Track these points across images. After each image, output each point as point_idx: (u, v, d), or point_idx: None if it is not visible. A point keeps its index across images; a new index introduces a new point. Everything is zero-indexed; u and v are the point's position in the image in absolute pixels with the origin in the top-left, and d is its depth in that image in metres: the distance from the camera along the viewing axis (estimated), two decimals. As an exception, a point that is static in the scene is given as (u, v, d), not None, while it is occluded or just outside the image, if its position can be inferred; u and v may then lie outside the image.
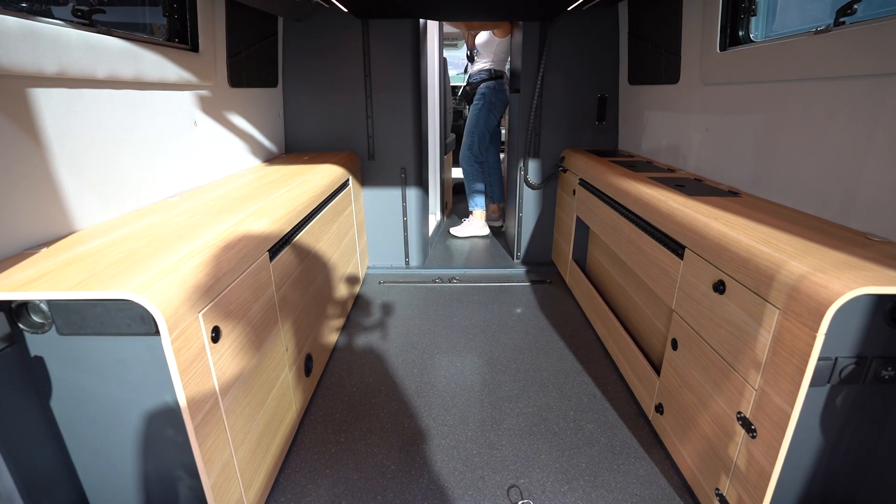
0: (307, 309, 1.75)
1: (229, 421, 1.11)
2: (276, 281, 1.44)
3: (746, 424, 1.10)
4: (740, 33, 1.69)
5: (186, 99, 1.77)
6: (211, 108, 1.94)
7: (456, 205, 4.81)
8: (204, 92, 1.88)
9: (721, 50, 1.74)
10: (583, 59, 2.78)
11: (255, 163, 2.41)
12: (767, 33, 1.68)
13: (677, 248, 1.44)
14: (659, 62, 2.25)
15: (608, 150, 2.79)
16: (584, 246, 2.67)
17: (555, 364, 2.05)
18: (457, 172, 5.33)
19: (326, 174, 2.21)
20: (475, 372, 1.99)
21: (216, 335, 1.06)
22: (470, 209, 3.73)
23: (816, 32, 1.32)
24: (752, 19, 1.66)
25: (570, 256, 2.69)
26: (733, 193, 1.63)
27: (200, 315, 1.00)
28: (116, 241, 1.16)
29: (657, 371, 1.65)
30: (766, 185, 1.58)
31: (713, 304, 1.25)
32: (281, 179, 1.99)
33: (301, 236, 1.70)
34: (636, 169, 2.12)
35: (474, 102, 3.50)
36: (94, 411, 1.07)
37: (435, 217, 4.06)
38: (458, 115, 5.74)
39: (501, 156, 4.49)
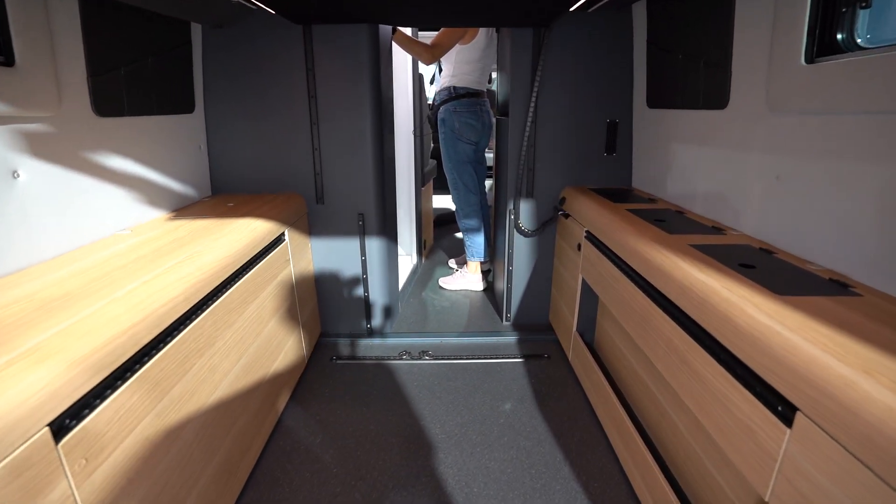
0: (181, 458, 1.12)
1: None
2: (77, 468, 0.82)
3: None
4: (840, 36, 1.10)
5: (-10, 139, 1.15)
6: (54, 149, 1.33)
7: (438, 240, 4.20)
8: (35, 126, 1.27)
9: (808, 62, 1.15)
10: (587, 75, 2.20)
11: (157, 214, 1.79)
12: (880, 36, 1.10)
13: (776, 404, 0.83)
14: (694, 79, 1.67)
15: (621, 191, 2.20)
16: (591, 315, 2.06)
17: (559, 511, 1.42)
18: (438, 202, 4.73)
19: (244, 233, 1.60)
20: (443, 530, 1.36)
21: None
22: (467, 258, 3.10)
23: None
24: (861, 13, 1.07)
25: (574, 328, 2.08)
26: (841, 285, 1.03)
27: None
28: None
29: None
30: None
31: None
32: (167, 248, 1.37)
33: (169, 350, 1.08)
34: (669, 227, 1.52)
35: (439, 132, 2.89)
36: None
37: (411, 259, 3.44)
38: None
39: (488, 185, 3.90)
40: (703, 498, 1.21)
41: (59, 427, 0.78)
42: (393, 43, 2.48)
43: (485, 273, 3.17)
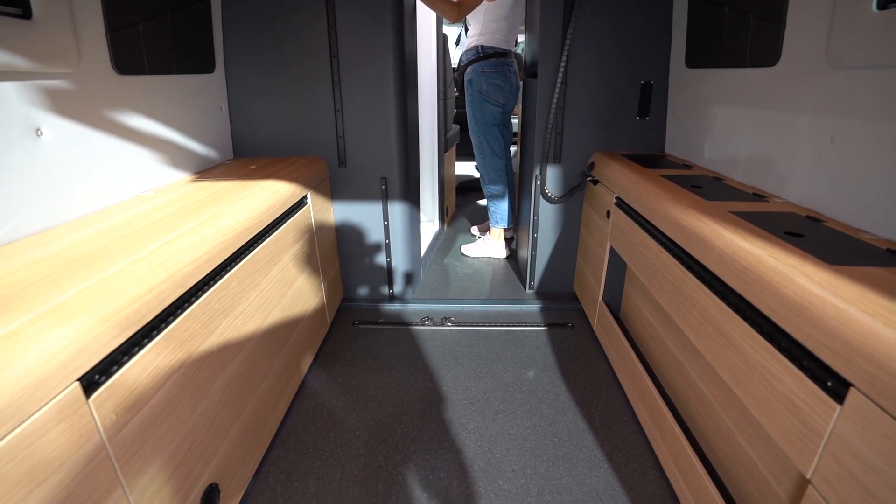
0: (208, 416, 1.14)
1: None
2: (108, 422, 0.82)
3: None
4: (918, -21, 0.99)
5: (12, 94, 1.13)
6: (76, 107, 1.31)
7: (460, 207, 4.14)
8: (56, 83, 1.25)
9: (881, 7, 1.04)
10: (622, 33, 2.08)
11: (180, 176, 1.78)
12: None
13: (826, 379, 0.78)
14: (741, 34, 1.55)
15: (653, 156, 2.10)
16: (618, 285, 2.01)
17: (581, 479, 1.41)
18: (460, 169, 4.65)
19: (267, 195, 1.58)
20: (464, 494, 1.37)
21: None
22: (490, 225, 3.05)
23: None
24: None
25: (600, 297, 2.03)
26: (898, 256, 0.96)
27: None
28: None
29: None
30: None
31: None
32: (190, 209, 1.36)
33: (194, 310, 1.08)
34: (706, 193, 1.44)
35: (465, 94, 2.79)
36: None
37: (433, 226, 3.41)
38: (463, 102, 5.02)
39: (513, 150, 3.79)
40: (734, 472, 1.18)
41: (89, 382, 0.79)
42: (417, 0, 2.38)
43: (507, 240, 3.12)
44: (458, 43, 3.36)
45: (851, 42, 1.12)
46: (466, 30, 2.83)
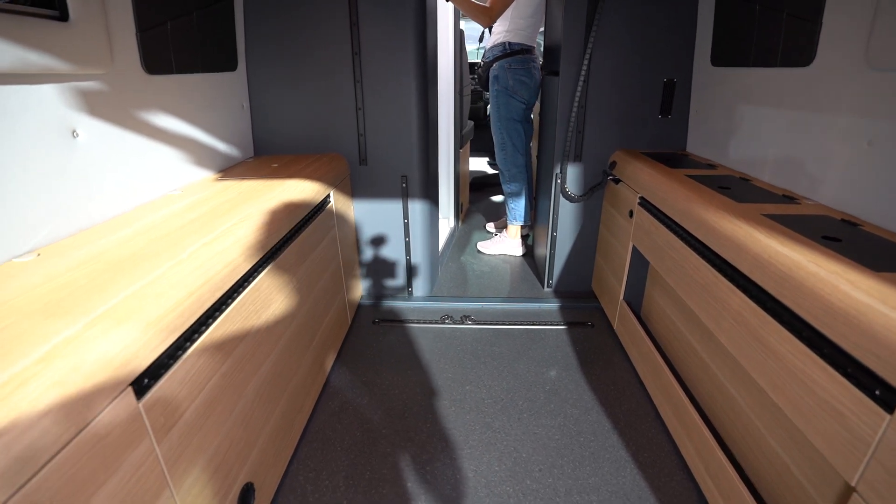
0: (244, 417, 1.15)
1: None
2: (157, 425, 0.84)
3: None
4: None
5: (50, 96, 1.14)
6: (109, 108, 1.32)
7: (474, 203, 4.14)
8: (90, 84, 1.25)
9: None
10: (645, 30, 2.06)
11: (205, 175, 1.79)
12: None
13: (874, 388, 0.78)
14: (772, 33, 1.53)
15: (676, 155, 2.09)
16: (640, 284, 2.00)
17: (608, 479, 1.42)
18: (475, 165, 4.64)
19: (293, 194, 1.58)
20: (493, 493, 1.38)
21: None
22: (508, 222, 3.04)
23: None
24: None
25: (622, 296, 2.03)
26: (943, 263, 0.95)
27: None
28: None
29: None
30: None
31: None
32: (220, 209, 1.37)
33: (230, 312, 1.09)
34: (735, 195, 1.43)
35: (490, 90, 2.79)
36: None
37: (448, 223, 3.41)
38: (479, 97, 5.00)
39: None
40: (765, 475, 1.18)
41: (140, 386, 0.80)
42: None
43: (523, 238, 3.11)
44: (481, 40, 3.35)
45: (894, 42, 1.10)
46: (490, 27, 2.81)
